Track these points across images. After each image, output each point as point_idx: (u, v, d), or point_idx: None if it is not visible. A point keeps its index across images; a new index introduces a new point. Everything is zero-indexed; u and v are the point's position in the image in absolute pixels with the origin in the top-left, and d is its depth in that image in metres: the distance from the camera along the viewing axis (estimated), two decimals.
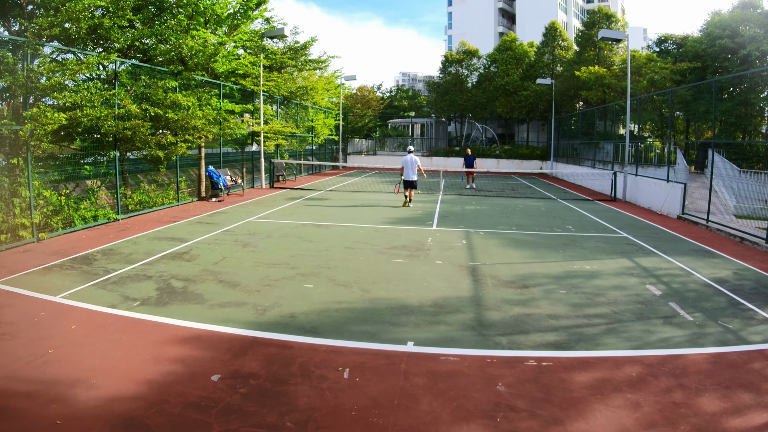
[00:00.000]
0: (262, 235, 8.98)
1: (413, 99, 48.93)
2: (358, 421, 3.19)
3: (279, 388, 3.58)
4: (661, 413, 3.35)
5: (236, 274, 6.39)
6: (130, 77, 10.92)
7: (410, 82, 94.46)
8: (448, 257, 7.61)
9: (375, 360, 4.06)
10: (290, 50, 22.42)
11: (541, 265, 7.29)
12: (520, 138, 37.31)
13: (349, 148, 36.50)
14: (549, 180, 25.52)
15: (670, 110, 18.53)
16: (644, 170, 16.80)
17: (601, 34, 16.64)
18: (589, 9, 35.46)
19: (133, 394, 3.40)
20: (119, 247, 7.77)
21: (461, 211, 12.91)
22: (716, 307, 5.58)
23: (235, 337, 4.43)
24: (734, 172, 15.96)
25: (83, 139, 10.12)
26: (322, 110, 26.03)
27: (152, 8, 12.62)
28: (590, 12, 31.92)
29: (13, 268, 6.41)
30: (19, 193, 7.87)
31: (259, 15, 15.34)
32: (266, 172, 18.39)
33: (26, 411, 3.18)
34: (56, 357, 3.95)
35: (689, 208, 12.86)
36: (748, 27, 24.07)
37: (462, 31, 48.70)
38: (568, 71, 28.72)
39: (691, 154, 27.11)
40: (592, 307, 5.49)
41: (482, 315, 5.16)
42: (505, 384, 3.70)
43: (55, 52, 9.31)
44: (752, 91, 23.24)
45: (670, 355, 4.30)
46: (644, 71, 24.23)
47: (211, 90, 14.02)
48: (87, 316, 4.85)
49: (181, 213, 11.37)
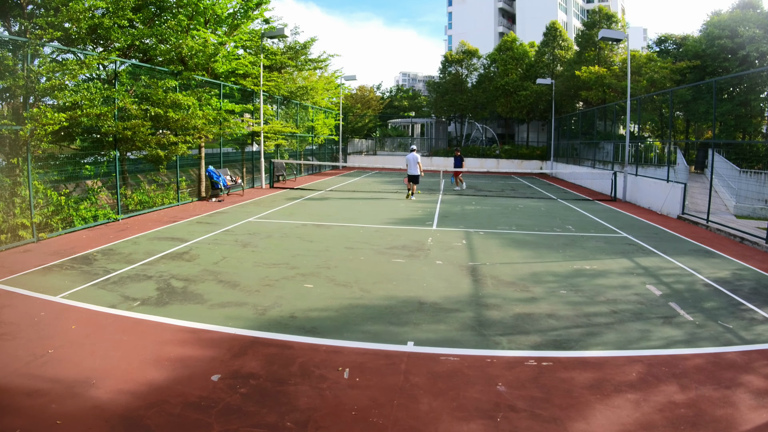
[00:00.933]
0: (262, 235, 8.98)
1: (413, 99, 48.95)
2: (358, 421, 3.19)
3: (279, 388, 3.58)
4: (661, 413, 3.35)
5: (236, 274, 6.39)
6: (130, 77, 10.91)
7: (410, 82, 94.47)
8: (448, 257, 7.61)
9: (375, 360, 4.06)
10: (290, 50, 22.43)
11: (541, 265, 7.28)
12: (520, 138, 37.32)
13: (349, 148, 36.51)
14: (549, 180, 25.52)
15: (670, 110, 18.53)
16: (644, 170, 16.80)
17: (601, 34, 16.65)
18: (590, 9, 35.51)
19: (133, 394, 3.40)
20: (119, 247, 7.77)
21: (461, 211, 12.91)
22: (716, 307, 5.58)
23: (235, 337, 4.43)
24: (734, 172, 15.96)
25: (83, 139, 10.12)
26: (322, 110, 26.04)
27: (152, 8, 12.62)
28: (590, 12, 31.95)
29: (13, 268, 6.41)
30: (18, 193, 7.87)
31: (259, 15, 15.35)
32: (266, 172, 18.39)
33: (26, 411, 3.18)
34: (56, 357, 3.95)
35: (689, 208, 12.86)
36: (748, 27, 24.09)
37: (462, 31, 48.70)
38: (569, 71, 28.73)
39: (691, 154, 27.11)
40: (592, 307, 5.49)
41: (482, 315, 5.16)
42: (505, 384, 3.70)
43: (55, 52, 9.31)
44: (752, 92, 23.25)
45: (670, 355, 4.30)
46: (644, 71, 24.24)
47: (211, 90, 14.02)
48: (87, 316, 4.85)
49: (181, 213, 11.37)
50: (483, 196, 16.74)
